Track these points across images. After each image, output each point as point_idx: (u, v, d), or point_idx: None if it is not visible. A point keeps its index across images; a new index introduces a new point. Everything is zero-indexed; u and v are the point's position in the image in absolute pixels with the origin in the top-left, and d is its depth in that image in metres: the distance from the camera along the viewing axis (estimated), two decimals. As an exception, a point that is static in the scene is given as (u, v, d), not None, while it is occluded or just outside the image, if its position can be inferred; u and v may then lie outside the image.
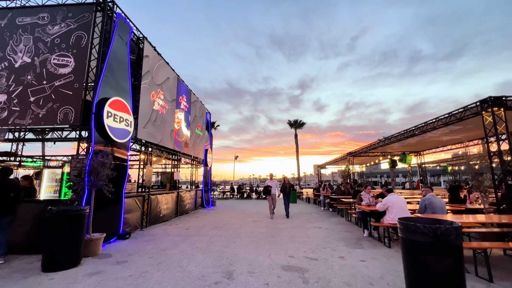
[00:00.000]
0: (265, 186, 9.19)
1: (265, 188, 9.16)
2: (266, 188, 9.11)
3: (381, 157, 16.37)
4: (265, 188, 9.16)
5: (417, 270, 2.64)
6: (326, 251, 4.99)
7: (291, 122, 34.09)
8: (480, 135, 9.59)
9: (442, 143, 11.81)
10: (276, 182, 9.29)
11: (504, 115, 5.51)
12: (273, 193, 9.11)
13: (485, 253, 3.59)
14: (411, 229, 2.68)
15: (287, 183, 9.48)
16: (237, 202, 16.87)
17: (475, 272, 3.70)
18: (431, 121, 7.57)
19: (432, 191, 5.52)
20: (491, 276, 3.47)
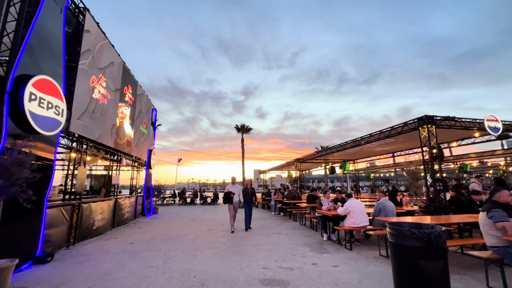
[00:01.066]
0: (226, 193, 7.53)
1: (225, 195, 7.51)
2: (228, 195, 7.50)
3: (323, 164, 17.90)
4: (225, 195, 7.51)
5: (410, 275, 2.70)
6: (296, 258, 4.86)
7: (238, 126, 34.10)
8: (407, 147, 11.44)
9: (374, 153, 13.67)
10: (239, 188, 7.80)
11: (435, 131, 6.58)
12: (235, 201, 7.64)
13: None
14: (406, 235, 2.73)
15: (249, 189, 8.02)
16: (182, 209, 15.56)
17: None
18: (376, 133, 8.56)
19: (385, 196, 6.12)
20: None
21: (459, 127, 7.07)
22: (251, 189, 8.07)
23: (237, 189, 7.75)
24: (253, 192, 8.10)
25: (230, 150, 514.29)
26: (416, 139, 9.45)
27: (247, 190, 7.99)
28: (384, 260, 4.70)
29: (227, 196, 7.52)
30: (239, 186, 7.77)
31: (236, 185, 7.81)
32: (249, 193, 7.96)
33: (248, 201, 7.95)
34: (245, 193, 7.93)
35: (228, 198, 7.51)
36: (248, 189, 8.03)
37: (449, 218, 5.01)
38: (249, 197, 7.98)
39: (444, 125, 6.84)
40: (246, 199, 7.94)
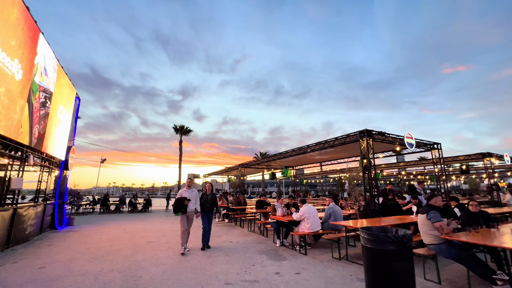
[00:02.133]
0: (179, 199, 5.73)
1: (178, 201, 5.71)
2: (181, 202, 5.71)
3: (266, 170, 18.42)
4: (178, 201, 5.71)
5: (384, 277, 2.82)
6: (257, 269, 4.60)
7: (176, 127, 31.81)
8: (342, 156, 12.84)
9: (314, 160, 14.90)
10: (196, 193, 6.07)
11: (372, 143, 7.54)
12: (190, 210, 5.85)
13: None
14: (382, 240, 2.86)
15: (209, 194, 6.39)
16: (106, 219, 13.17)
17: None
18: (321, 142, 9.25)
19: (334, 201, 6.55)
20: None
21: (387, 141, 8.33)
22: (211, 195, 6.47)
23: (193, 195, 5.98)
24: (214, 199, 6.46)
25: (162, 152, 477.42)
26: (351, 150, 10.67)
27: (207, 197, 6.38)
28: (338, 262, 4.95)
29: (180, 204, 5.69)
30: (196, 191, 6.15)
31: (193, 189, 6.09)
32: (209, 200, 6.33)
33: (207, 210, 6.30)
34: (204, 200, 6.33)
35: (181, 206, 5.70)
36: (208, 195, 6.41)
37: (389, 220, 5.71)
38: (210, 205, 6.34)
39: (377, 138, 7.92)
40: (205, 208, 6.28)
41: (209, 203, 6.32)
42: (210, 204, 6.34)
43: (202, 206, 6.25)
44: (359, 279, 3.99)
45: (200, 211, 6.16)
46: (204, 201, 6.29)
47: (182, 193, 5.85)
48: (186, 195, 5.84)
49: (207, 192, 6.47)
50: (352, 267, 4.65)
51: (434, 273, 3.98)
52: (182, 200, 5.73)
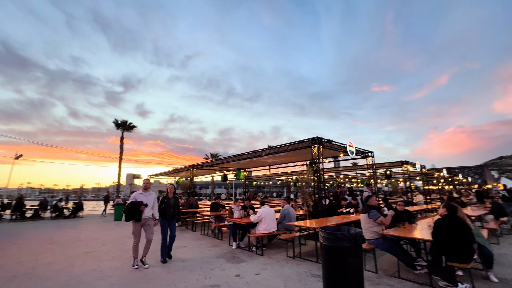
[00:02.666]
0: (134, 204, 4.83)
1: (131, 206, 4.80)
2: (135, 207, 4.81)
3: (217, 171, 18.18)
4: (131, 206, 4.80)
5: (339, 271, 3.17)
6: (217, 273, 4.56)
7: (118, 122, 28.56)
8: (292, 160, 13.67)
9: (266, 163, 15.44)
10: (154, 197, 5.18)
11: (322, 150, 8.30)
12: (147, 217, 4.97)
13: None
14: (339, 238, 3.21)
15: (171, 198, 5.46)
16: (21, 227, 10.94)
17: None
18: (276, 146, 9.71)
19: (289, 203, 6.96)
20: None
21: (333, 149, 9.28)
22: (174, 198, 5.50)
23: (151, 199, 5.09)
24: (177, 204, 5.53)
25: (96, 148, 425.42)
26: (301, 155, 11.46)
27: (169, 201, 5.40)
28: (293, 261, 5.28)
29: (134, 209, 4.77)
30: (154, 194, 5.28)
31: (150, 192, 5.17)
32: (171, 205, 5.40)
33: (169, 217, 5.39)
34: (166, 205, 5.36)
35: (135, 211, 4.77)
36: (170, 199, 5.44)
37: (335, 219, 6.37)
38: (173, 211, 5.42)
39: (326, 145, 8.76)
40: (167, 214, 5.34)
41: (172, 208, 5.40)
42: (174, 210, 5.42)
43: (164, 212, 5.33)
44: (313, 275, 4.36)
45: (160, 217, 5.33)
46: (165, 206, 5.35)
47: (137, 197, 4.95)
48: (142, 199, 4.93)
49: (169, 195, 5.49)
50: (306, 264, 5.03)
51: (372, 264, 4.64)
52: (138, 205, 4.82)
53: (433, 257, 3.83)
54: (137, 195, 5.00)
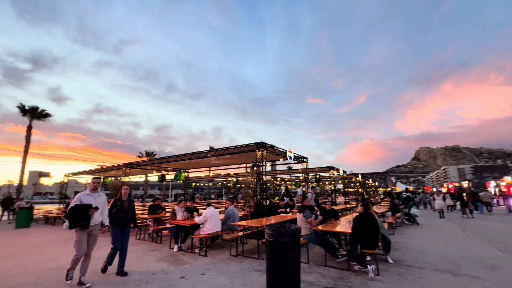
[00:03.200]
0: (81, 207, 3.98)
1: (76, 210, 3.95)
2: (81, 210, 3.97)
3: (155, 171, 16.91)
4: (76, 210, 3.95)
5: (281, 263, 3.60)
6: (159, 276, 4.43)
7: (25, 107, 23.29)
8: (235, 162, 13.98)
9: (209, 165, 15.30)
10: (105, 200, 4.37)
11: (265, 153, 8.91)
12: (95, 223, 4.18)
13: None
14: (282, 234, 3.65)
15: (125, 201, 4.68)
16: None
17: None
18: (222, 148, 9.88)
19: (233, 203, 7.21)
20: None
21: (275, 153, 10.05)
22: (129, 201, 4.74)
23: (101, 201, 4.27)
24: (132, 208, 4.80)
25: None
26: (244, 157, 11.94)
27: (123, 204, 4.60)
28: (236, 259, 5.55)
29: (80, 213, 3.92)
30: (105, 195, 4.48)
31: (100, 193, 4.34)
32: (126, 209, 4.61)
33: (123, 224, 4.56)
34: (119, 209, 4.53)
35: (82, 216, 3.93)
36: (125, 201, 4.65)
37: (274, 218, 6.96)
38: (127, 216, 4.62)
39: (269, 150, 9.44)
40: (120, 220, 4.51)
41: (126, 213, 4.61)
42: (128, 215, 4.64)
43: (116, 217, 4.50)
44: (255, 270, 4.73)
45: (111, 224, 4.50)
46: (118, 211, 4.52)
47: (84, 198, 4.10)
48: (90, 201, 4.10)
49: (123, 197, 4.69)
50: (248, 261, 5.38)
51: (305, 256, 5.33)
52: (86, 209, 3.97)
53: (351, 247, 4.72)
54: (83, 196, 4.15)
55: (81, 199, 4.10)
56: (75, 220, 3.92)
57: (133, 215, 4.80)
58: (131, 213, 4.74)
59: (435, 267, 4.84)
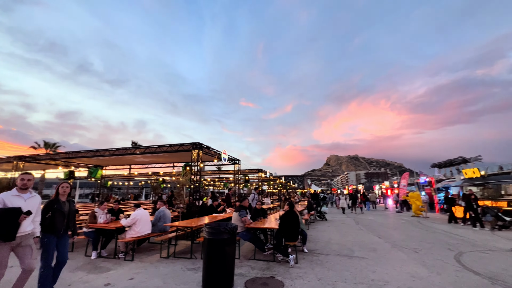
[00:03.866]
0: (3, 212, 2.99)
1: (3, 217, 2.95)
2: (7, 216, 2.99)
3: (61, 167, 14.02)
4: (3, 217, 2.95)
5: (218, 259, 3.88)
6: (78, 286, 3.97)
7: None
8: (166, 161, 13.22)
9: (134, 162, 13.89)
10: (39, 202, 3.50)
11: (201, 154, 8.96)
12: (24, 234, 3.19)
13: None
14: (221, 231, 3.95)
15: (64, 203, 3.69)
16: None
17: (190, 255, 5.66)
18: (154, 146, 9.32)
19: (165, 204, 6.98)
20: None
21: (210, 154, 10.20)
22: (69, 203, 3.76)
23: (35, 204, 3.36)
24: (73, 212, 3.85)
25: None
26: (176, 157, 11.60)
27: (61, 207, 3.60)
28: (167, 260, 5.46)
29: (6, 221, 2.98)
30: (39, 197, 3.51)
31: (33, 194, 3.39)
32: (65, 213, 3.63)
33: (62, 231, 3.60)
34: (55, 213, 3.53)
35: (6, 224, 2.98)
36: (63, 203, 3.66)
37: (207, 218, 7.12)
38: (66, 222, 3.66)
39: (205, 151, 9.53)
40: (58, 227, 3.54)
41: (66, 218, 3.65)
42: (68, 220, 3.69)
43: (51, 223, 3.49)
44: (189, 269, 4.82)
45: (43, 233, 3.46)
46: (55, 215, 3.52)
47: (9, 200, 3.09)
48: (19, 204, 3.14)
49: (62, 198, 3.68)
50: (180, 261, 5.38)
51: (237, 251, 5.73)
52: (14, 214, 3.00)
53: (277, 240, 5.43)
54: (7, 197, 3.12)
55: (5, 201, 3.08)
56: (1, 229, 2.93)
57: (73, 220, 3.85)
58: (72, 218, 3.79)
59: (337, 253, 6.10)
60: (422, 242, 7.28)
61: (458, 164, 33.94)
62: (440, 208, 16.61)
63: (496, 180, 13.76)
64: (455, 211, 11.81)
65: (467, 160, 32.82)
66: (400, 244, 7.01)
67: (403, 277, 4.39)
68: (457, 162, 34.68)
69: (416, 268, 4.90)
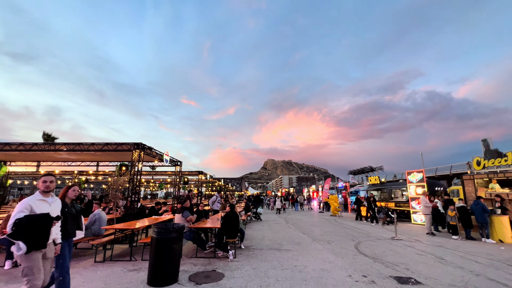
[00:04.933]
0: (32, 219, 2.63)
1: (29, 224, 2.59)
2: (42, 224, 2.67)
3: None
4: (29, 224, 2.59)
5: (166, 256, 4.18)
6: (-1, 297, 3.62)
7: None
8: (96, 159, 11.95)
9: (54, 159, 11.98)
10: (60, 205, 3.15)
11: (142, 154, 8.74)
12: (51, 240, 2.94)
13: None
14: (170, 230, 4.27)
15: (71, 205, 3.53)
16: None
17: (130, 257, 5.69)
18: (87, 143, 8.54)
19: (100, 206, 6.63)
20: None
21: (152, 155, 9.94)
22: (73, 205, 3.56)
23: (58, 208, 3.10)
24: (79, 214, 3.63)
25: None
26: (109, 155, 10.86)
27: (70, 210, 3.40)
28: (104, 264, 5.31)
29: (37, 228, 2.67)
30: (59, 200, 3.22)
31: (54, 197, 3.12)
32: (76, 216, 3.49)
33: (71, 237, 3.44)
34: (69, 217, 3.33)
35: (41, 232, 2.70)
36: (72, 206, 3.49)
37: (147, 221, 7.07)
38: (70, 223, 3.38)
39: (147, 152, 9.28)
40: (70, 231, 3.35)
41: (75, 223, 3.47)
42: (74, 225, 3.46)
43: (65, 228, 3.24)
44: (130, 270, 4.89)
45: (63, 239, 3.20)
46: (68, 219, 3.33)
47: (36, 206, 2.80)
48: (46, 209, 2.87)
49: (67, 200, 3.48)
50: (119, 264, 5.32)
51: (178, 252, 6.01)
52: (47, 220, 2.74)
53: (219, 238, 5.98)
54: (33, 202, 2.82)
55: (32, 207, 2.80)
56: (34, 238, 2.65)
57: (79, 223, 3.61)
58: (78, 220, 3.60)
59: (269, 247, 7.05)
60: (334, 236, 9.02)
61: (367, 172, 41.46)
62: (352, 208, 20.15)
63: (389, 186, 17.70)
64: (362, 210, 14.71)
65: (374, 169, 40.46)
66: (319, 238, 8.53)
67: (318, 262, 5.58)
68: (367, 170, 42.32)
69: (328, 255, 6.24)
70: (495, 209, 8.44)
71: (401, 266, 5.27)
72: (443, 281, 4.44)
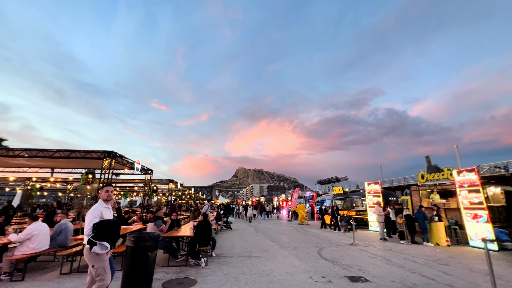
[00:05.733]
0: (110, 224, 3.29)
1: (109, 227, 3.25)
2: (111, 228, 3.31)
3: None
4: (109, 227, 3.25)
5: (141, 264, 4.35)
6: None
7: None
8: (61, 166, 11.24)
9: (11, 165, 10.95)
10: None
11: (113, 163, 8.62)
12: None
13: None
14: (146, 239, 4.46)
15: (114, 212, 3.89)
16: None
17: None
18: (52, 150, 8.18)
19: (67, 216, 6.44)
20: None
21: (123, 163, 9.78)
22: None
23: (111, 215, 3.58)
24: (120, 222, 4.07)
25: None
26: (75, 162, 10.45)
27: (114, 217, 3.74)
28: (71, 276, 5.22)
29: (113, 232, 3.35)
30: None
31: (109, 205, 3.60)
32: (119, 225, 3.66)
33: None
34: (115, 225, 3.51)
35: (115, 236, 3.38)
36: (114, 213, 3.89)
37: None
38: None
39: (118, 160, 9.15)
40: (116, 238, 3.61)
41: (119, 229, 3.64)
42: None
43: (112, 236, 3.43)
44: (100, 280, 4.88)
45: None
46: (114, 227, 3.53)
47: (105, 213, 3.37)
48: (109, 215, 3.44)
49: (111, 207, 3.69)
50: (87, 275, 5.25)
51: (150, 261, 6.08)
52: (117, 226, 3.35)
53: (191, 246, 6.21)
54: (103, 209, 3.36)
55: (102, 214, 3.32)
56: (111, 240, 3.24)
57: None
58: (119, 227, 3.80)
59: (239, 255, 7.42)
60: (300, 243, 9.68)
61: (333, 182, 43.98)
62: (318, 217, 21.30)
63: (351, 196, 19.20)
64: (326, 219, 15.76)
65: (339, 179, 43.11)
66: (286, 245, 9.11)
67: (284, 267, 6.10)
68: (333, 180, 44.83)
69: (293, 260, 6.80)
70: (433, 217, 9.88)
71: (354, 268, 6.03)
72: (386, 278, 5.25)
